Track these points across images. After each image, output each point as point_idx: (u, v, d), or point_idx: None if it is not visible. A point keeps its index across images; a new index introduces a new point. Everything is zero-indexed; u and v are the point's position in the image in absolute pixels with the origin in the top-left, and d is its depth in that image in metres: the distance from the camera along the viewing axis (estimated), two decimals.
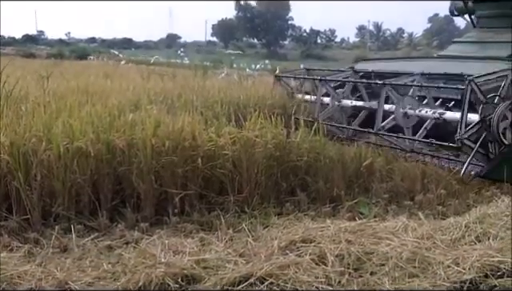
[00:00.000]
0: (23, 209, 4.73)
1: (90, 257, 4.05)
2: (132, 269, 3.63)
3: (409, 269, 3.60)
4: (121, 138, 5.15)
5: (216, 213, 4.99)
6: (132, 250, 4.06)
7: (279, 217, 4.92)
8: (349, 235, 4.06)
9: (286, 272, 3.52)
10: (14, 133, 4.96)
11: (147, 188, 5.06)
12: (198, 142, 5.32)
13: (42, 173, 4.79)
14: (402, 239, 4.04)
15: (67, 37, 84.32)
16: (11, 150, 4.79)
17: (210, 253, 3.94)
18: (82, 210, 4.94)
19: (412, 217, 4.73)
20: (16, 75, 9.13)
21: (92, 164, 4.99)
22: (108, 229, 4.71)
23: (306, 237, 4.05)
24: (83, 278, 3.58)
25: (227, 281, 3.44)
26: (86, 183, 4.94)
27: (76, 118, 5.35)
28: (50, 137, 4.97)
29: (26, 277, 3.54)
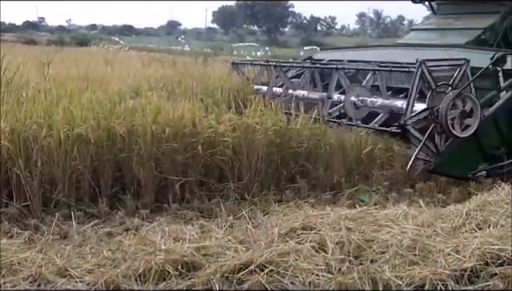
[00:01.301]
0: (23, 196, 4.74)
1: (90, 243, 4.05)
2: (132, 255, 3.63)
3: (409, 256, 3.59)
4: (121, 125, 5.14)
5: (216, 200, 5.00)
6: (132, 237, 4.06)
7: (279, 204, 4.92)
8: (349, 222, 4.05)
9: (286, 259, 3.51)
10: (15, 120, 4.96)
11: (147, 175, 5.06)
12: (198, 129, 5.32)
13: (43, 159, 4.79)
14: (403, 227, 4.03)
15: (68, 23, 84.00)
16: (12, 137, 4.79)
17: (210, 240, 3.94)
18: (82, 197, 4.94)
19: (412, 205, 4.73)
20: (17, 62, 9.08)
21: (92, 150, 4.99)
22: (108, 215, 4.72)
23: (306, 225, 4.04)
24: (83, 265, 3.58)
25: (227, 269, 3.44)
26: (86, 170, 4.95)
27: (76, 105, 5.33)
28: (51, 124, 4.97)
29: (26, 263, 3.54)
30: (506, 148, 5.94)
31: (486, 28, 7.71)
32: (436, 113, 5.46)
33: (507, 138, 5.98)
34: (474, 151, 5.76)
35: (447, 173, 5.71)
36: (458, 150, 5.62)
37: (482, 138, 5.77)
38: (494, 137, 5.92)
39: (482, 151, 5.83)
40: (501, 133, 5.95)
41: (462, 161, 5.66)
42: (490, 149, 5.87)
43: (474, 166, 5.76)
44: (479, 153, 5.82)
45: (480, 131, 5.69)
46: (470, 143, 5.68)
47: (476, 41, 7.57)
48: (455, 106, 5.52)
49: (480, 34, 7.67)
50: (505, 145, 5.95)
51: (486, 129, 5.81)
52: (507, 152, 5.93)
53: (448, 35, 8.12)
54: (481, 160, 5.83)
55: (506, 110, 5.98)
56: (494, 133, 5.91)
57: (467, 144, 5.65)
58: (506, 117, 5.99)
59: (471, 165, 5.75)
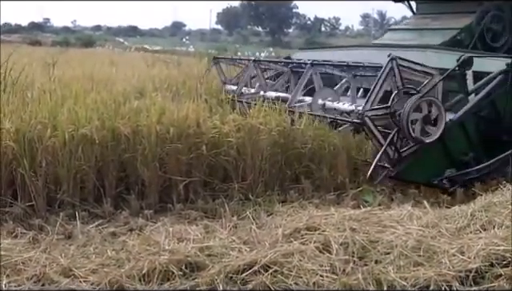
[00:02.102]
0: (28, 196, 4.74)
1: (94, 243, 4.06)
2: (136, 256, 3.63)
3: (414, 257, 3.58)
4: (126, 125, 5.15)
5: (220, 200, 5.00)
6: (136, 237, 4.07)
7: (283, 204, 4.92)
8: (353, 223, 4.04)
9: (290, 260, 3.51)
10: (20, 120, 4.97)
11: (152, 175, 5.07)
12: (202, 129, 5.32)
13: (47, 159, 4.80)
14: (407, 227, 4.02)
15: (73, 24, 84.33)
16: (17, 137, 4.79)
17: (214, 240, 3.94)
18: (87, 197, 4.95)
19: (417, 206, 4.71)
20: (22, 62, 9.11)
21: (97, 151, 5.00)
22: (112, 215, 4.72)
23: (310, 225, 4.03)
24: (87, 265, 3.59)
25: (231, 269, 3.43)
26: (90, 170, 4.95)
27: (81, 105, 5.34)
28: (56, 124, 4.98)
29: (30, 263, 3.54)
30: (474, 153, 5.65)
31: (462, 28, 7.59)
32: (398, 116, 5.22)
33: (475, 143, 5.73)
34: (440, 157, 5.50)
35: (410, 179, 5.47)
36: (422, 156, 5.38)
37: (448, 143, 5.51)
38: (461, 142, 5.65)
39: (448, 156, 5.55)
40: (469, 138, 5.70)
41: (426, 167, 5.43)
42: (457, 154, 5.59)
43: (439, 172, 5.45)
44: (445, 158, 5.54)
45: (446, 136, 5.45)
46: (436, 148, 5.43)
47: (451, 42, 7.45)
48: (418, 110, 5.26)
49: (455, 35, 7.56)
50: (473, 151, 5.66)
51: (453, 133, 5.56)
52: (475, 157, 5.63)
53: (424, 35, 7.98)
54: (447, 166, 5.51)
55: (474, 114, 5.77)
56: (461, 137, 5.65)
57: (432, 149, 5.40)
58: (474, 122, 5.77)
59: (436, 172, 5.45)
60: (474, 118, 5.76)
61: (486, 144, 5.76)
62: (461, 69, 5.70)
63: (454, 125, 5.56)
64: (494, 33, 7.63)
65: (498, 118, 5.89)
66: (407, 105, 5.16)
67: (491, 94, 5.75)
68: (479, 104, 5.76)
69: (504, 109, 5.86)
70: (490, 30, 7.61)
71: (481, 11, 7.58)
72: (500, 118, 5.89)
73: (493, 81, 5.77)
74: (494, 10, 7.64)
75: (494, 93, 5.76)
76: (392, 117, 5.22)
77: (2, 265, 3.46)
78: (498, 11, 7.65)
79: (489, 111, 5.87)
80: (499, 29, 7.66)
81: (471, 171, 5.51)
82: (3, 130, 4.78)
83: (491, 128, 5.82)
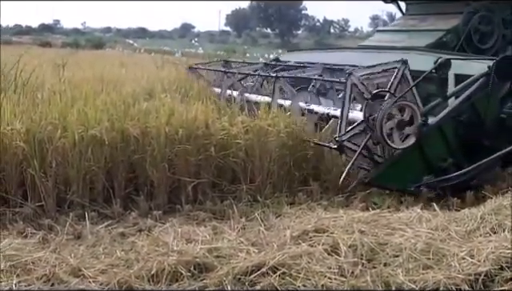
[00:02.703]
0: (38, 196, 4.78)
1: (103, 244, 4.08)
2: (145, 256, 3.64)
3: (423, 260, 3.57)
4: (135, 126, 5.18)
5: (228, 201, 5.00)
6: (145, 238, 4.08)
7: (292, 206, 4.91)
8: (362, 225, 4.04)
9: (298, 261, 3.50)
10: (30, 121, 5.01)
11: (160, 176, 5.08)
12: (211, 131, 5.33)
13: (57, 160, 4.82)
14: (416, 230, 4.01)
15: (83, 26, 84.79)
16: (27, 137, 4.83)
17: (223, 241, 3.95)
18: (96, 198, 4.97)
19: (426, 208, 4.68)
20: (33, 64, 9.17)
21: (106, 152, 5.02)
22: (121, 216, 4.74)
23: (318, 227, 4.03)
24: (96, 265, 3.60)
25: (239, 270, 3.43)
26: (100, 171, 4.98)
27: (91, 106, 5.37)
28: (66, 125, 5.01)
29: (40, 263, 3.56)
30: (454, 159, 5.44)
31: (449, 30, 7.35)
32: (372, 122, 5.05)
33: (455, 149, 5.50)
34: (417, 163, 5.31)
35: (386, 185, 5.27)
36: (398, 162, 5.20)
37: (426, 149, 5.31)
38: (439, 147, 5.43)
39: (426, 163, 5.35)
40: (447, 143, 5.47)
41: (402, 174, 5.23)
42: (435, 160, 5.38)
43: (416, 179, 5.25)
44: (423, 164, 5.34)
45: (424, 141, 5.27)
46: (412, 154, 5.25)
47: (437, 44, 7.22)
48: (393, 115, 5.09)
49: (442, 36, 7.32)
50: (452, 156, 5.45)
51: (431, 138, 5.36)
52: (455, 163, 5.41)
53: (411, 37, 7.73)
54: (425, 172, 5.30)
55: (453, 118, 5.53)
56: (439, 143, 5.43)
57: (409, 155, 5.22)
58: (454, 126, 5.53)
59: (413, 178, 5.25)
60: (454, 123, 5.53)
61: (467, 149, 5.53)
62: (438, 72, 5.54)
63: (432, 130, 5.37)
64: (482, 34, 7.36)
65: (479, 123, 5.63)
66: (379, 113, 4.99)
67: (471, 98, 5.52)
68: (459, 108, 5.53)
69: (485, 113, 5.62)
70: (478, 32, 7.33)
71: (468, 12, 7.31)
72: (481, 123, 5.63)
73: (473, 85, 5.53)
74: (483, 11, 7.38)
75: (474, 96, 5.52)
76: (367, 123, 5.08)
77: (13, 264, 3.48)
78: (486, 12, 7.39)
79: (469, 115, 5.61)
80: (488, 31, 7.38)
81: (450, 177, 5.28)
82: (14, 131, 4.81)
83: (472, 133, 5.57)
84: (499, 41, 7.33)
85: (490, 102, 5.60)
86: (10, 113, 5.15)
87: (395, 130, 5.11)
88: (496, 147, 5.47)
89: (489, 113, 5.65)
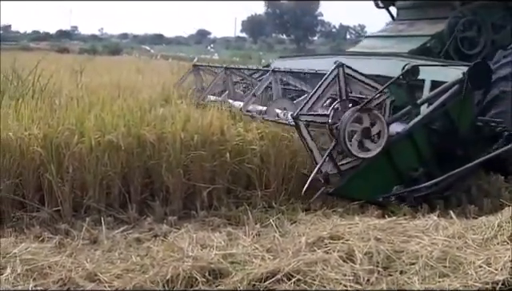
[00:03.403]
0: (55, 201, 4.82)
1: (119, 249, 4.10)
2: (160, 261, 3.65)
3: (439, 268, 3.54)
4: (151, 132, 5.21)
5: (243, 207, 5.00)
6: (160, 243, 4.10)
7: (307, 212, 4.90)
8: (378, 233, 4.01)
9: (313, 268, 3.49)
10: (48, 126, 5.06)
11: (176, 181, 5.10)
12: (226, 137, 5.34)
13: (74, 165, 4.86)
14: (433, 238, 3.98)
15: (100, 32, 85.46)
16: (44, 143, 4.88)
17: (237, 247, 3.94)
18: (112, 203, 5.00)
19: (443, 216, 4.64)
20: (50, 69, 9.26)
21: (123, 157, 5.06)
22: (137, 221, 4.77)
23: (333, 234, 4.01)
24: (112, 270, 3.61)
25: (254, 277, 3.43)
26: (116, 176, 5.01)
27: (108, 112, 5.41)
28: (83, 131, 5.05)
29: (56, 267, 3.58)
30: (425, 168, 5.24)
31: (433, 35, 7.19)
32: (336, 129, 4.93)
33: (427, 158, 5.30)
34: (386, 172, 5.12)
35: (352, 196, 5.07)
36: (366, 171, 5.04)
37: (395, 158, 5.12)
38: (410, 156, 5.23)
39: (396, 172, 5.15)
40: (419, 152, 5.26)
41: (370, 184, 5.05)
42: (405, 170, 5.19)
43: (385, 189, 5.09)
44: (393, 174, 5.15)
45: (393, 150, 5.10)
46: (381, 163, 5.07)
47: (421, 50, 7.05)
48: (358, 122, 4.94)
49: (426, 42, 7.16)
50: (424, 166, 5.25)
51: (401, 147, 5.18)
52: (426, 173, 5.22)
53: (397, 43, 7.57)
54: (395, 182, 5.13)
55: (425, 126, 5.32)
56: (410, 152, 5.23)
57: (377, 164, 5.05)
58: (426, 135, 5.32)
59: (382, 188, 5.08)
60: (426, 131, 5.32)
61: (441, 158, 5.33)
62: (406, 79, 5.31)
63: (402, 139, 5.21)
64: (468, 40, 7.18)
65: (453, 131, 5.40)
66: (343, 120, 4.87)
67: (444, 105, 5.34)
68: (431, 115, 5.33)
69: (459, 121, 5.39)
70: (465, 37, 7.16)
71: (453, 17, 7.15)
72: (455, 131, 5.40)
73: (447, 92, 5.36)
74: (470, 16, 7.19)
75: (447, 104, 5.34)
76: (330, 128, 4.99)
77: (29, 268, 3.50)
78: (473, 16, 7.20)
79: (443, 123, 5.38)
80: (474, 36, 7.21)
81: (421, 188, 5.11)
82: (31, 136, 4.85)
83: (445, 141, 5.34)
84: (488, 47, 7.12)
85: (464, 110, 5.40)
86: (27, 118, 5.20)
87: (359, 139, 4.96)
88: (470, 156, 5.29)
89: (462, 121, 5.43)
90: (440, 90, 5.40)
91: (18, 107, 5.51)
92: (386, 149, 5.04)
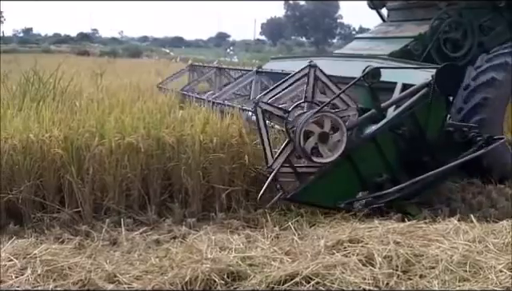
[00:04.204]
0: (75, 202, 4.86)
1: (138, 250, 4.12)
2: (179, 263, 3.66)
3: (459, 272, 3.50)
4: (170, 134, 5.23)
5: (262, 210, 4.99)
6: (179, 245, 4.11)
7: (326, 216, 4.88)
8: (397, 236, 3.98)
9: (332, 272, 3.48)
10: (68, 128, 5.11)
11: (195, 184, 5.11)
12: (244, 139, 5.34)
13: (94, 167, 4.90)
14: (453, 242, 3.94)
15: (120, 35, 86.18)
16: (65, 145, 4.93)
17: (256, 250, 3.94)
18: (132, 204, 5.03)
19: (463, 220, 4.60)
20: (71, 72, 9.37)
21: (142, 159, 5.09)
22: (156, 223, 4.79)
23: (353, 237, 4.00)
24: (131, 271, 3.63)
25: (273, 279, 3.42)
26: (136, 178, 5.04)
27: (128, 114, 5.45)
28: (103, 133, 5.10)
29: (76, 268, 3.61)
30: (391, 174, 5.03)
31: (415, 37, 6.93)
32: (293, 133, 4.77)
33: (392, 163, 5.07)
34: (348, 178, 4.94)
35: (311, 202, 4.93)
36: (326, 176, 4.87)
37: (359, 164, 4.94)
38: (374, 161, 5.01)
39: (359, 178, 4.96)
40: (383, 158, 5.05)
41: (331, 190, 4.86)
42: (369, 175, 4.98)
43: (347, 195, 4.92)
44: (356, 180, 4.96)
45: (356, 155, 4.94)
46: (342, 169, 4.89)
47: (402, 52, 6.81)
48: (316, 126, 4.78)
49: (407, 44, 6.90)
50: (389, 171, 5.03)
51: (365, 152, 4.99)
52: (391, 179, 5.01)
53: (381, 44, 7.36)
54: (359, 188, 4.96)
55: (391, 131, 5.10)
56: (374, 156, 5.01)
57: (338, 169, 4.88)
58: (392, 139, 5.09)
59: (344, 195, 4.91)
60: (391, 135, 5.09)
61: (408, 163, 5.10)
62: (367, 81, 5.09)
63: (365, 143, 5.03)
64: (452, 41, 6.87)
65: (420, 136, 5.14)
66: (299, 124, 4.72)
67: (411, 109, 5.12)
68: (397, 120, 5.11)
69: (426, 125, 5.13)
70: (448, 39, 6.87)
71: (436, 18, 6.86)
72: (422, 136, 5.14)
73: (414, 95, 5.16)
74: (455, 17, 6.91)
75: (414, 108, 5.12)
76: (287, 128, 4.85)
77: (49, 269, 3.54)
78: (458, 18, 6.91)
79: (410, 128, 5.13)
80: (459, 38, 6.88)
81: (384, 194, 4.91)
82: (52, 138, 4.90)
83: (411, 146, 5.10)
84: (474, 49, 6.81)
85: (432, 114, 5.13)
86: (48, 120, 5.26)
87: (320, 144, 4.80)
88: (439, 162, 5.07)
89: (430, 126, 5.16)
90: (407, 94, 5.23)
91: (39, 109, 5.57)
92: (347, 154, 4.88)
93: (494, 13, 7.02)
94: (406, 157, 5.10)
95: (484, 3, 7.05)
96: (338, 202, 4.90)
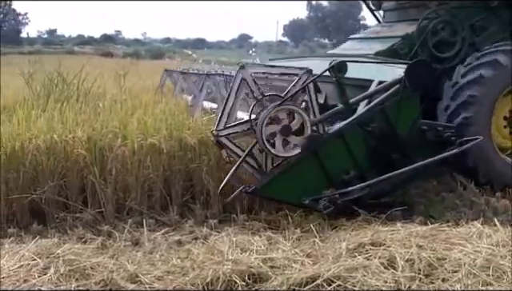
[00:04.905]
0: (98, 203, 4.91)
1: (160, 251, 4.14)
2: (200, 264, 3.67)
3: (482, 276, 3.46)
4: (192, 135, 5.24)
5: (283, 212, 4.98)
6: (201, 246, 4.13)
7: (348, 218, 4.85)
8: (420, 239, 3.95)
9: (353, 274, 3.46)
10: (92, 129, 5.16)
11: (216, 185, 5.11)
12: None
13: (117, 168, 4.94)
14: (476, 245, 3.89)
15: (143, 37, 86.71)
16: (88, 145, 4.98)
17: (277, 252, 3.93)
18: (154, 205, 5.06)
19: (487, 223, 4.54)
20: (94, 73, 9.45)
21: (164, 160, 5.11)
22: (178, 224, 4.81)
23: (375, 240, 3.97)
24: (153, 272, 3.66)
25: (294, 281, 3.42)
26: (158, 179, 5.06)
27: (150, 115, 5.48)
28: (126, 134, 5.13)
29: (98, 268, 3.65)
30: (358, 172, 4.89)
31: (403, 36, 6.76)
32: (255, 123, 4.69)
33: (360, 160, 4.92)
34: (314, 174, 4.80)
35: (275, 197, 4.86)
36: (290, 172, 4.76)
37: (325, 160, 4.80)
38: (342, 158, 4.88)
39: (325, 175, 4.82)
40: (352, 155, 4.91)
41: (295, 185, 4.75)
42: (336, 172, 4.84)
43: (313, 192, 4.76)
44: (322, 176, 4.81)
45: (322, 151, 4.81)
46: (307, 164, 4.78)
47: (388, 51, 6.63)
48: (278, 120, 4.69)
49: (394, 44, 6.73)
50: (357, 169, 4.90)
51: (332, 148, 4.86)
52: (359, 176, 4.86)
53: (371, 44, 7.19)
54: (325, 185, 4.81)
55: (360, 127, 4.97)
56: (341, 153, 4.88)
57: (302, 165, 4.78)
58: (361, 136, 4.96)
59: (309, 191, 4.76)
60: (360, 132, 4.96)
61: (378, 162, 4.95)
62: (332, 76, 4.96)
63: (332, 140, 4.91)
64: (441, 42, 6.59)
65: (390, 134, 4.99)
66: (261, 117, 4.64)
67: (381, 106, 5.00)
68: (365, 116, 5.00)
69: (396, 123, 4.99)
70: (437, 39, 6.59)
71: (424, 18, 6.63)
72: (392, 134, 4.99)
73: (385, 92, 5.05)
74: (445, 16, 6.66)
75: (384, 104, 4.99)
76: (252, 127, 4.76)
77: (72, 269, 3.57)
78: (447, 17, 6.67)
79: (379, 125, 4.98)
80: (449, 38, 6.60)
81: (350, 191, 4.74)
82: (76, 139, 4.96)
83: (381, 144, 4.96)
84: (465, 49, 6.53)
85: (403, 112, 5.00)
86: (72, 121, 5.32)
87: (278, 136, 4.71)
88: (410, 161, 4.89)
89: (401, 124, 5.02)
90: (377, 90, 5.13)
91: (63, 110, 5.64)
92: (313, 150, 4.79)
93: (487, 12, 6.78)
94: (375, 154, 4.96)
95: (476, 3, 6.83)
96: (302, 199, 4.76)
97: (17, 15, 71.81)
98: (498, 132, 6.10)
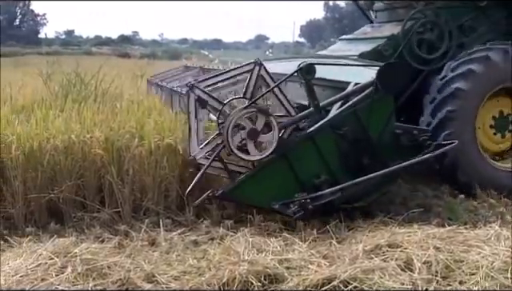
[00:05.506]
0: (115, 202, 4.94)
1: (176, 251, 4.16)
2: (216, 265, 3.68)
3: (500, 279, 3.43)
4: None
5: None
6: (217, 246, 4.13)
7: (365, 220, 4.83)
8: (437, 241, 3.92)
9: (370, 276, 3.45)
10: (109, 129, 5.19)
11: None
12: None
13: (134, 168, 4.97)
14: (494, 248, 3.85)
15: (160, 37, 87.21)
16: (106, 145, 5.01)
17: (293, 253, 3.93)
18: (170, 205, 5.08)
19: (505, 225, 4.50)
20: (112, 74, 9.51)
21: (181, 160, 5.11)
22: (194, 224, 4.82)
23: (392, 242, 3.95)
24: (169, 272, 3.68)
25: (310, 283, 3.41)
26: (174, 179, 5.07)
27: (167, 116, 5.49)
28: (143, 134, 5.15)
29: (115, 267, 3.67)
30: (330, 176, 4.75)
31: (387, 37, 6.62)
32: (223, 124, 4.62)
33: (332, 164, 4.79)
34: (284, 178, 4.70)
35: (244, 201, 4.79)
36: (259, 175, 4.68)
37: (295, 164, 4.70)
38: (312, 162, 4.75)
39: (296, 179, 4.71)
40: (322, 158, 4.78)
41: (264, 189, 4.65)
42: (307, 176, 4.72)
43: (283, 196, 4.64)
44: (292, 180, 4.71)
45: (292, 155, 4.71)
46: (277, 168, 4.69)
47: (372, 52, 6.49)
48: (242, 126, 4.61)
49: (378, 45, 6.58)
50: (328, 173, 4.76)
51: (302, 152, 4.75)
52: (330, 181, 4.72)
53: (356, 46, 7.07)
54: (296, 189, 4.68)
55: (332, 130, 4.82)
56: (312, 157, 4.77)
57: (271, 169, 4.69)
58: (331, 139, 4.81)
59: (279, 195, 4.65)
60: (332, 135, 4.81)
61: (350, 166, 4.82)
62: (300, 78, 4.85)
63: (302, 143, 4.78)
64: (427, 43, 6.41)
65: (363, 137, 4.85)
66: (227, 123, 4.55)
67: (353, 108, 4.88)
68: (337, 119, 4.85)
69: (368, 126, 4.85)
70: (423, 40, 6.39)
71: (409, 19, 6.45)
72: (365, 137, 4.85)
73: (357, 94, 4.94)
74: (431, 17, 6.47)
75: (356, 107, 4.88)
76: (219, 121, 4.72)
77: (89, 268, 3.60)
78: (433, 17, 6.47)
79: (351, 128, 4.83)
80: (434, 39, 6.40)
81: (321, 196, 4.61)
82: (93, 139, 4.99)
83: (353, 147, 4.83)
84: (453, 51, 6.33)
85: (374, 114, 4.87)
86: (90, 121, 5.35)
87: (248, 141, 4.62)
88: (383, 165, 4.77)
89: (372, 127, 4.88)
90: (350, 92, 5.02)
91: (81, 110, 5.68)
92: (283, 153, 4.69)
93: (476, 12, 6.62)
94: (347, 158, 4.84)
95: (464, 2, 6.67)
96: (272, 203, 4.65)
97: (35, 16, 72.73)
98: (484, 132, 6.03)
